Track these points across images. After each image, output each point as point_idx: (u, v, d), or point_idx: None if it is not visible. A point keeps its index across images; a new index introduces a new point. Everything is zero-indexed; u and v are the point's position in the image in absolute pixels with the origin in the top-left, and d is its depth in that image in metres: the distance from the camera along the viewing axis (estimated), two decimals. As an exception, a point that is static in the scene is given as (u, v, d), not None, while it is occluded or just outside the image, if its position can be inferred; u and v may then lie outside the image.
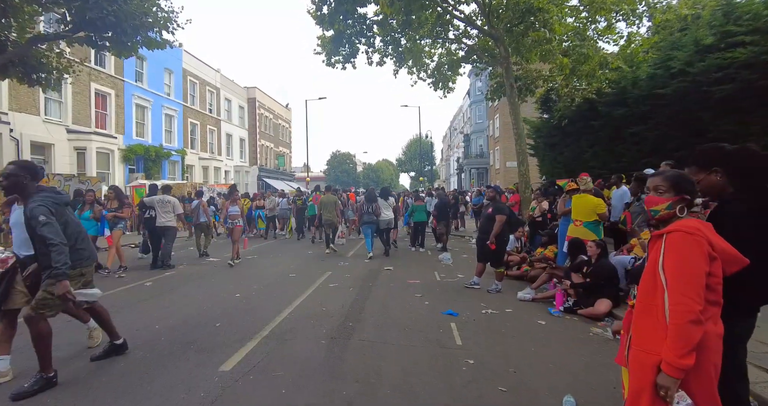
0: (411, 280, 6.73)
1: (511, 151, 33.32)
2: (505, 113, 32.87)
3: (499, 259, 5.96)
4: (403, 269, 7.81)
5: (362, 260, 8.95)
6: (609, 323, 4.67)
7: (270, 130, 39.65)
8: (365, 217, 9.32)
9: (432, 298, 5.59)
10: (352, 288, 6.12)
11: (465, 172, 42.43)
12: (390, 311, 4.96)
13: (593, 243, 5.16)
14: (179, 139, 25.81)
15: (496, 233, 5.67)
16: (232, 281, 6.70)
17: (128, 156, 20.96)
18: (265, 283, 6.58)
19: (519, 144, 11.05)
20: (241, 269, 7.89)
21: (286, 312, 4.85)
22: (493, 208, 5.83)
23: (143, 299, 5.69)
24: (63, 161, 17.28)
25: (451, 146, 63.33)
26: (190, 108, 27.17)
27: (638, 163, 10.50)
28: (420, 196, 11.04)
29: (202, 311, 4.96)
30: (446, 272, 7.64)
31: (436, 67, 16.13)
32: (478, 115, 40.46)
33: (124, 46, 9.69)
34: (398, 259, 9.20)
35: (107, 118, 20.15)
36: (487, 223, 5.86)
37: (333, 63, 15.11)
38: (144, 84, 22.79)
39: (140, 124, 22.54)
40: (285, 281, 6.80)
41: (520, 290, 6.11)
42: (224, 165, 31.29)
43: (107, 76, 19.93)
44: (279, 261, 8.92)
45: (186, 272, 7.79)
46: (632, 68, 12.20)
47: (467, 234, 14.04)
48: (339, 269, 7.86)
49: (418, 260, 8.99)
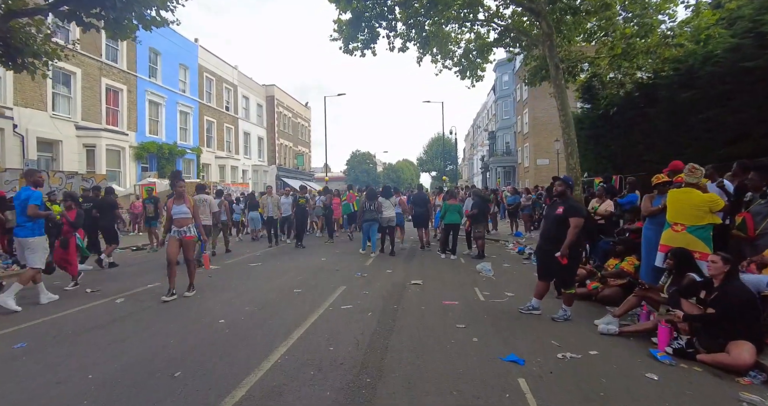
0: (447, 301, 5.23)
1: (542, 147, 31.31)
2: (535, 107, 30.87)
3: (570, 278, 4.40)
4: (434, 284, 6.32)
5: (384, 269, 7.53)
6: (757, 379, 3.10)
7: (289, 129, 38.76)
8: (366, 214, 9.37)
9: (480, 331, 4.09)
10: (371, 313, 4.67)
11: (491, 170, 40.45)
12: (425, 354, 3.50)
13: (718, 258, 3.56)
14: (194, 137, 25.05)
15: (570, 242, 4.14)
16: (221, 301, 5.35)
17: (141, 154, 20.22)
18: (261, 303, 5.22)
19: (567, 133, 9.41)
20: (239, 282, 6.55)
21: (277, 353, 3.46)
22: (564, 207, 4.28)
23: (101, 324, 4.43)
24: (71, 159, 16.56)
25: (474, 145, 61.26)
26: (206, 105, 26.40)
27: (711, 155, 8.71)
28: (453, 194, 9.48)
29: (163, 349, 3.62)
30: (489, 287, 6.11)
31: (464, 54, 14.58)
32: (505, 110, 38.44)
33: (118, 25, 8.58)
34: (427, 268, 7.71)
35: (119, 115, 19.43)
36: (554, 228, 4.33)
37: (351, 50, 13.75)
38: (158, 80, 22.07)
39: (154, 121, 21.81)
40: (287, 299, 5.44)
41: (595, 315, 4.56)
42: (242, 164, 30.48)
43: (119, 71, 19.20)
44: (285, 270, 7.57)
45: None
46: (699, 44, 10.38)
47: (501, 238, 12.44)
48: (355, 282, 6.46)
49: (451, 271, 7.48)
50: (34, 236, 5.27)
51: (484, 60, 14.50)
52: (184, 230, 5.55)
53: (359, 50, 13.78)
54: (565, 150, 9.69)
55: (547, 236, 4.46)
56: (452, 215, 8.91)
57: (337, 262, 8.35)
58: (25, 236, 5.22)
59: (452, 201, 9.04)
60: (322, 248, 10.80)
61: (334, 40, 13.70)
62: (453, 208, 8.96)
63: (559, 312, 4.50)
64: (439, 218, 9.46)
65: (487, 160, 42.54)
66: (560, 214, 4.33)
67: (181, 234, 5.52)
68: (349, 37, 13.43)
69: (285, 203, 11.00)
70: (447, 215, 8.91)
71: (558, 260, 4.24)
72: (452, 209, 8.94)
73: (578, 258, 4.47)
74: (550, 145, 28.39)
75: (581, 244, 4.42)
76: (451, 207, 8.95)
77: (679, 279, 3.99)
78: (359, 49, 13.77)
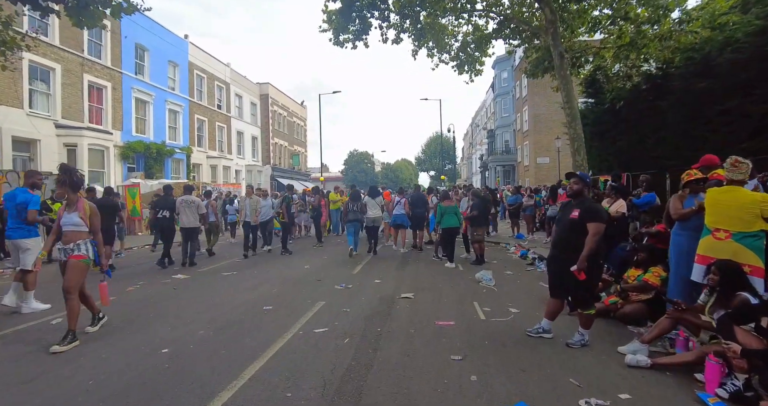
0: (442, 321, 4.43)
1: (542, 145, 30.51)
2: (535, 104, 30.09)
3: (589, 295, 3.61)
4: (428, 297, 5.51)
5: (372, 278, 6.74)
6: None
7: (284, 128, 37.96)
8: (350, 215, 9.52)
9: (480, 365, 3.29)
10: (349, 339, 3.86)
11: (490, 169, 39.68)
12: (411, 401, 2.72)
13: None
14: (185, 136, 24.25)
15: (588, 253, 3.36)
16: (175, 321, 4.53)
17: (126, 154, 19.43)
18: (220, 324, 4.38)
19: (573, 127, 8.66)
20: (205, 296, 5.71)
21: (225, 396, 2.68)
22: (580, 210, 3.50)
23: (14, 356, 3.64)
24: (51, 159, 15.74)
25: (473, 144, 60.48)
26: (197, 103, 25.60)
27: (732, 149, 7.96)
28: (448, 195, 8.60)
29: (86, 393, 2.84)
30: (491, 301, 5.32)
31: (461, 47, 13.82)
32: (504, 108, 37.68)
33: (82, 11, 7.79)
34: (421, 277, 6.92)
35: (103, 113, 18.63)
36: (569, 235, 3.55)
37: (341, 41, 13.00)
38: (145, 77, 21.27)
39: (141, 119, 21.00)
40: (253, 319, 4.60)
41: (615, 337, 3.80)
42: (235, 164, 29.68)
43: (102, 67, 18.39)
44: (261, 281, 6.71)
45: (135, 295, 5.77)
46: (715, 31, 9.63)
47: (501, 240, 11.66)
48: (337, 295, 5.63)
49: (448, 280, 6.68)
50: (30, 236, 5.19)
51: (482, 53, 13.75)
52: (71, 248, 3.94)
53: (350, 42, 13.03)
54: (570, 146, 8.94)
55: (560, 245, 3.68)
56: (450, 218, 8.04)
57: (321, 270, 7.54)
58: (21, 237, 5.13)
59: (447, 203, 8.19)
60: (309, 253, 9.97)
61: (324, 31, 12.95)
62: (449, 210, 8.10)
63: (575, 336, 3.72)
64: (435, 221, 8.60)
65: (486, 159, 41.78)
66: (575, 218, 3.55)
67: (66, 253, 3.95)
68: (339, 28, 12.67)
69: (265, 206, 9.63)
70: (444, 219, 8.03)
71: (574, 274, 3.46)
72: (449, 211, 8.08)
73: (598, 272, 3.68)
74: (551, 143, 27.62)
75: (601, 253, 3.61)
76: (448, 209, 8.08)
77: (727, 299, 3.21)
78: (350, 41, 13.02)
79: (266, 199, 9.83)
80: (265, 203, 9.68)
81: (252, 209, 9.52)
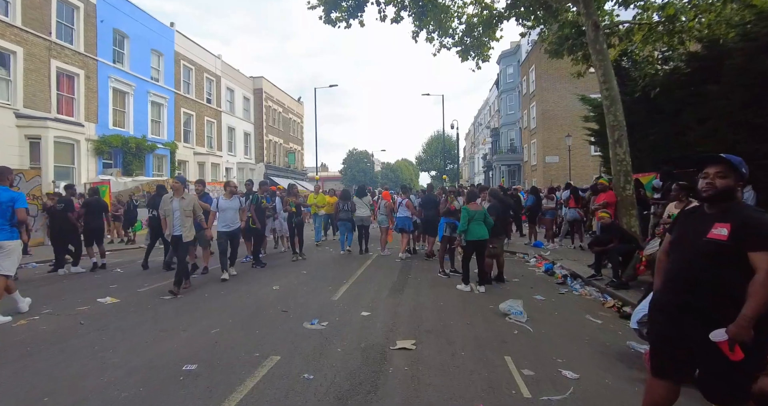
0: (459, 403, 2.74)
1: (551, 144, 28.66)
2: (544, 100, 28.29)
3: (744, 386, 1.92)
4: (433, 346, 3.78)
5: (358, 308, 5.06)
6: None
7: (279, 124, 36.29)
8: (342, 214, 9.57)
9: None
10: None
11: (494, 169, 38.01)
12: None
13: None
14: (170, 130, 22.62)
15: (759, 308, 1.74)
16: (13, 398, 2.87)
17: (102, 148, 17.77)
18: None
19: (613, 112, 7.01)
20: (106, 340, 3.96)
21: None
22: (733, 224, 1.86)
23: None
24: (9, 152, 14.08)
25: (475, 143, 58.75)
26: (184, 96, 23.96)
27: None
28: (476, 195, 6.56)
29: None
30: (529, 353, 3.63)
31: (467, 30, 12.15)
32: (509, 105, 35.98)
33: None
34: (422, 305, 5.21)
35: (74, 103, 16.97)
36: (705, 269, 1.86)
37: (333, 20, 11.34)
38: (125, 66, 19.63)
39: (119, 111, 19.36)
40: (148, 397, 2.81)
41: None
42: (225, 161, 28.04)
43: (74, 53, 16.72)
44: (208, 310, 4.98)
45: (20, 333, 4.10)
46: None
47: (517, 249, 9.96)
48: (301, 342, 3.84)
49: (460, 310, 4.96)
50: (14, 238, 4.83)
51: (491, 37, 12.09)
52: None
53: (343, 21, 11.36)
54: (609, 135, 7.27)
55: (686, 287, 1.98)
56: (478, 227, 5.96)
57: (293, 293, 5.81)
58: (5, 239, 4.73)
59: (475, 207, 6.18)
60: (287, 267, 8.15)
61: (313, 8, 11.27)
62: (479, 216, 6.01)
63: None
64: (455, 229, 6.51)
65: (489, 159, 40.10)
66: (723, 240, 1.86)
67: None
68: (330, 3, 11.01)
69: (228, 210, 6.95)
70: (471, 228, 5.95)
71: (719, 348, 1.79)
72: (477, 217, 6.01)
73: (764, 343, 1.98)
74: (561, 141, 25.92)
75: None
76: (476, 215, 5.99)
77: None
78: (343, 20, 11.34)
79: (232, 199, 6.99)
80: (228, 205, 6.89)
81: (183, 215, 5.84)
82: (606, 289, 5.70)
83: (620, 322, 4.58)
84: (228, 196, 6.96)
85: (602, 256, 6.23)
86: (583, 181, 24.62)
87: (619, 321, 4.63)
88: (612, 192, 6.97)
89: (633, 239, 5.85)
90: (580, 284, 6.31)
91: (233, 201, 6.99)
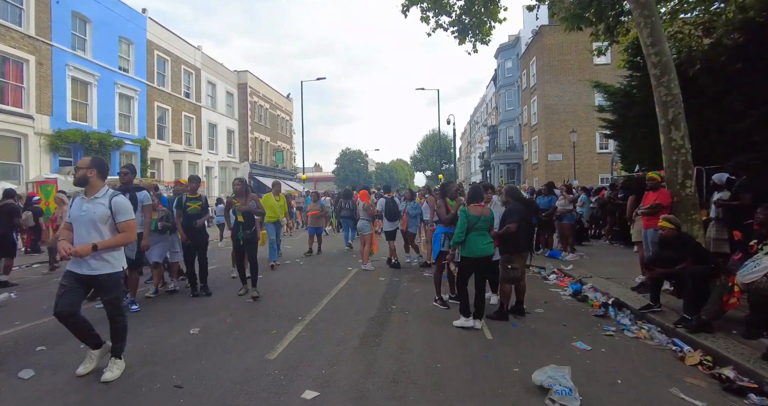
0: None
1: (553, 140, 26.75)
2: (546, 94, 26.35)
3: None
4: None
5: (301, 386, 3.08)
6: None
7: (266, 121, 34.36)
8: (343, 212, 10.26)
9: None
10: None
11: (492, 168, 36.29)
12: None
13: None
14: (141, 126, 20.68)
15: None
16: None
17: (57, 144, 15.82)
18: None
19: (665, 83, 5.26)
20: None
21: None
22: None
23: None
24: (-63, 147, 12.13)
25: (471, 143, 57.06)
26: (158, 89, 22.03)
27: None
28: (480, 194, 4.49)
29: None
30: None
31: (466, 4, 10.40)
32: (508, 101, 34.29)
33: None
34: (407, 363, 3.42)
35: (23, 93, 15.00)
36: None
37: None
38: (87, 53, 17.68)
39: (79, 103, 17.41)
40: None
41: None
42: (204, 160, 26.11)
43: (23, 36, 14.76)
44: (63, 381, 3.09)
45: None
46: None
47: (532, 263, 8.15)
48: None
49: (472, 387, 3.09)
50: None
51: (493, 16, 10.35)
52: None
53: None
54: (660, 115, 5.48)
55: None
56: (482, 239, 4.24)
57: (212, 342, 3.86)
58: None
59: (478, 209, 4.34)
60: (227, 302, 5.45)
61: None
62: (481, 224, 4.25)
63: None
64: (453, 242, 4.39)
65: (487, 157, 38.39)
66: None
67: None
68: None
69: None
70: (470, 240, 4.21)
71: None
72: (480, 225, 4.25)
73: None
74: (564, 137, 24.21)
75: None
76: (481, 222, 4.25)
77: None
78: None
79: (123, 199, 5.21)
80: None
81: None
82: (676, 330, 3.92)
83: (723, 397, 2.83)
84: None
85: (661, 280, 4.45)
86: (588, 180, 22.92)
87: (721, 395, 2.87)
88: (665, 190, 5.19)
89: (712, 258, 4.07)
90: (629, 317, 4.53)
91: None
